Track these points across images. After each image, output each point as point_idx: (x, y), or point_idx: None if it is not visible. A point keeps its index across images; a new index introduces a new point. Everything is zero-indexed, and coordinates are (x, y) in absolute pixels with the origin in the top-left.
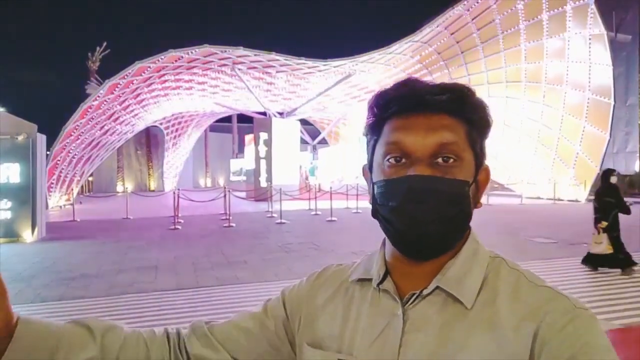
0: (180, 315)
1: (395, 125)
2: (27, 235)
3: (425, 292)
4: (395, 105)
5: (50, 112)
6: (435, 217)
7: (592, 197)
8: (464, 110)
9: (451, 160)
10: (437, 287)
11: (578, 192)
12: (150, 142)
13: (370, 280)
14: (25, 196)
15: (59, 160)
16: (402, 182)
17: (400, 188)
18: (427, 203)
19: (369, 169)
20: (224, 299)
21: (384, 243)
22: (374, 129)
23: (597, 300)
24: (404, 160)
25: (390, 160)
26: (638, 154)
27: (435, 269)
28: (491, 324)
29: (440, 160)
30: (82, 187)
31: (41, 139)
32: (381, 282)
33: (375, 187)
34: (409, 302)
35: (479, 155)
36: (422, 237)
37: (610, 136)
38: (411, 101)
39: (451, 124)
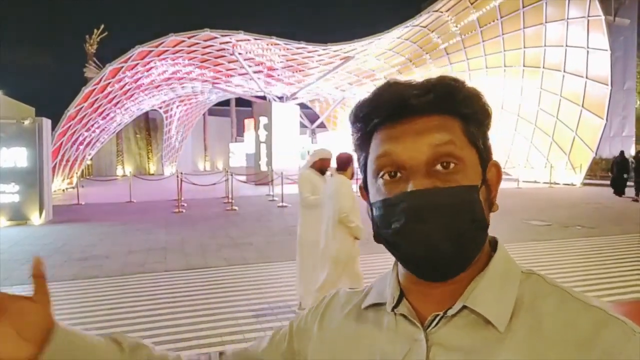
0: (192, 293)
1: (382, 137)
2: (35, 218)
3: (450, 312)
4: (378, 117)
5: (48, 95)
6: (444, 235)
7: (587, 182)
8: (455, 106)
9: (452, 165)
10: (464, 307)
11: (574, 176)
12: (149, 125)
13: (384, 304)
14: (33, 180)
15: (61, 144)
16: (400, 200)
17: (399, 208)
18: (433, 221)
19: (364, 188)
20: (233, 279)
21: (396, 262)
22: (362, 145)
23: (589, 278)
24: (399, 174)
25: (384, 176)
26: (634, 138)
27: (458, 288)
28: (535, 351)
29: (439, 167)
30: (82, 171)
31: (47, 123)
32: (396, 305)
33: (373, 208)
34: (432, 326)
35: (482, 152)
36: (434, 258)
37: (607, 121)
38: (394, 108)
39: (442, 124)
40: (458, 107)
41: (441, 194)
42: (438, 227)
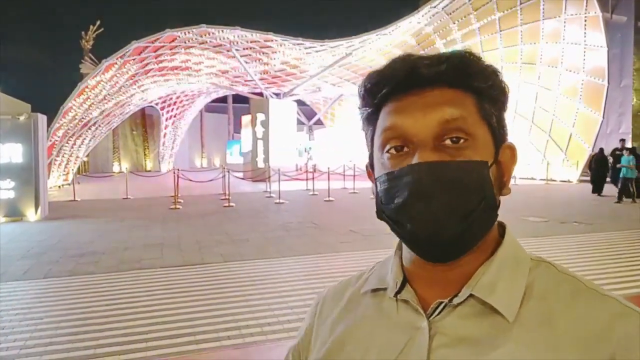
0: (188, 290)
1: (390, 109)
2: (31, 214)
3: (456, 300)
4: (387, 85)
5: (44, 91)
6: (450, 213)
7: (584, 178)
8: (469, 79)
9: (462, 140)
10: (471, 296)
11: (570, 172)
12: (145, 122)
13: (385, 290)
14: (28, 176)
15: (57, 140)
16: (405, 174)
17: (403, 182)
18: (439, 197)
19: (370, 166)
20: (229, 275)
21: (399, 246)
22: (369, 120)
23: (587, 274)
24: (405, 148)
25: (390, 150)
26: (631, 135)
27: (465, 275)
28: (546, 343)
29: (448, 142)
30: (78, 167)
31: (42, 119)
32: (399, 291)
33: (378, 184)
34: (435, 313)
35: (496, 131)
36: (437, 238)
37: (604, 118)
38: (404, 77)
39: (455, 97)
40: (472, 80)
41: (448, 168)
42: (444, 203)
